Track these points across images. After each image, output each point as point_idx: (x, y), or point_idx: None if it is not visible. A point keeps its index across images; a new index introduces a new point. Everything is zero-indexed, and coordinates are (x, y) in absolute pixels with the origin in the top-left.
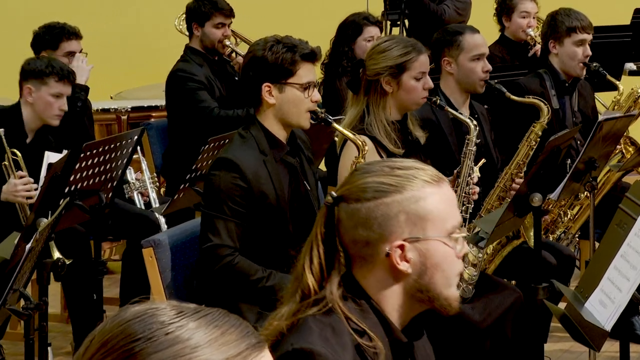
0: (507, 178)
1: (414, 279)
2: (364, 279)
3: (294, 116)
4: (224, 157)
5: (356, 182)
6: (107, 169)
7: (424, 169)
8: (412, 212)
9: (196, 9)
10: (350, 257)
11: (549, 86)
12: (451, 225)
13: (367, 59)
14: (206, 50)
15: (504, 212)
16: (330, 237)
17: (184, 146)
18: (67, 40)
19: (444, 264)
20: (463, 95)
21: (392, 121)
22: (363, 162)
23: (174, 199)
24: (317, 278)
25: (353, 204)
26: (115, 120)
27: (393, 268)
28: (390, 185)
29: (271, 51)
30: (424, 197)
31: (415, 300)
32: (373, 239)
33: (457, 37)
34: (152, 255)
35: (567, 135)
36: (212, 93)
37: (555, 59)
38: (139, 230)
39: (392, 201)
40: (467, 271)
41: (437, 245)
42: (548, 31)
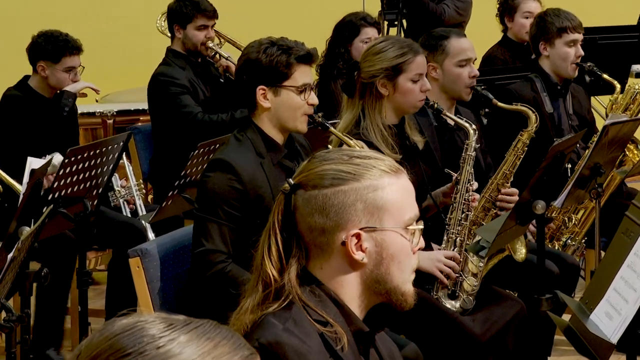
0: (493, 188)
1: (370, 269)
2: (320, 268)
3: (290, 120)
4: (220, 158)
5: (314, 169)
6: (92, 175)
7: (382, 159)
8: (369, 201)
9: (177, 10)
10: (306, 245)
11: (540, 90)
12: (408, 217)
13: (361, 61)
14: (188, 52)
15: (506, 220)
16: (287, 225)
17: (171, 152)
18: (70, 55)
19: (400, 256)
20: (448, 102)
21: (388, 125)
22: (322, 151)
23: (162, 207)
24: (277, 266)
25: (310, 190)
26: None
27: (349, 257)
28: (349, 173)
29: (265, 54)
30: (382, 187)
31: (372, 291)
32: (329, 227)
33: (442, 41)
34: (139, 265)
35: (571, 141)
36: (195, 97)
37: (545, 61)
38: (125, 239)
39: (349, 189)
40: (468, 281)
41: (394, 237)
42: (537, 33)
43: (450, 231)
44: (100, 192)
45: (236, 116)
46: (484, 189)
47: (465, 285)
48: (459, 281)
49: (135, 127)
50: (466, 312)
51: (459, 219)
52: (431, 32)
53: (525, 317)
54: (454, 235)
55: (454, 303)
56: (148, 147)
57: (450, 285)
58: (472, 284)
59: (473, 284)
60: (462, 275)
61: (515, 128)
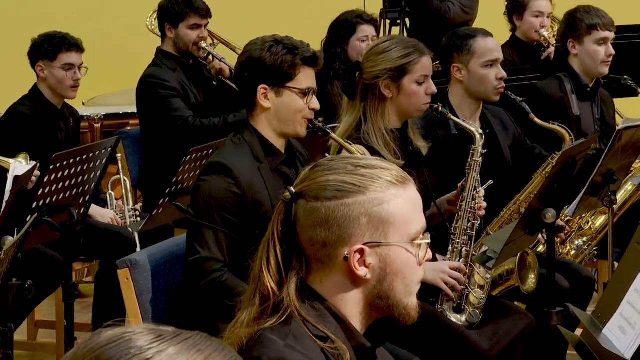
0: (515, 209)
1: (373, 285)
2: (320, 282)
3: (289, 123)
4: (217, 161)
5: (317, 179)
6: (79, 182)
7: (388, 169)
8: (374, 215)
9: (169, 8)
10: (307, 258)
11: (569, 91)
12: (415, 230)
13: (364, 61)
14: (180, 53)
15: (514, 229)
16: (287, 235)
17: (162, 157)
18: (67, 51)
19: (405, 271)
20: (474, 105)
21: (391, 129)
22: (325, 158)
23: (152, 215)
24: (275, 279)
25: (312, 202)
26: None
27: (351, 273)
28: (353, 185)
29: (270, 52)
30: (387, 200)
31: (374, 307)
32: (331, 241)
33: (467, 41)
34: (128, 277)
35: (583, 146)
36: (186, 100)
37: (575, 60)
38: (113, 249)
39: (353, 202)
40: (474, 294)
41: (399, 252)
42: (566, 30)
43: (455, 241)
44: (87, 200)
45: (229, 120)
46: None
47: (472, 298)
48: (465, 294)
49: (124, 131)
50: (472, 326)
51: (464, 228)
52: (456, 31)
53: (535, 331)
54: (459, 246)
55: (460, 317)
56: (137, 153)
57: (456, 298)
58: (478, 296)
59: (480, 296)
60: (468, 287)
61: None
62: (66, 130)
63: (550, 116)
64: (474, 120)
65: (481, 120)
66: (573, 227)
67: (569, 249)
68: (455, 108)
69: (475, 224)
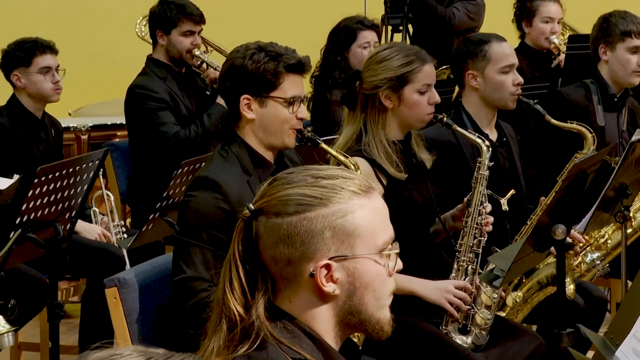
0: None
1: (342, 301)
2: (289, 301)
3: (276, 134)
4: (204, 176)
5: (276, 193)
6: (65, 197)
7: (351, 178)
8: (338, 228)
9: (161, 14)
10: (272, 277)
11: (595, 100)
12: (382, 240)
13: (364, 69)
14: (172, 61)
15: (522, 246)
16: (249, 255)
17: (152, 170)
18: (41, 54)
19: (375, 284)
20: (490, 114)
21: (393, 141)
22: (284, 171)
23: (141, 231)
24: (241, 302)
25: (273, 218)
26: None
27: (319, 289)
28: (314, 197)
29: (252, 60)
30: (351, 211)
31: (345, 324)
32: (295, 258)
33: (482, 46)
34: (116, 296)
35: (595, 158)
36: (176, 111)
37: (604, 67)
38: (101, 267)
39: (316, 216)
40: (480, 314)
41: (367, 264)
42: (599, 35)
43: (461, 259)
44: (73, 215)
45: (207, 124)
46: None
47: (478, 319)
48: (471, 314)
49: (112, 143)
50: (479, 348)
51: (470, 245)
52: (468, 37)
53: (545, 354)
54: (465, 263)
55: (465, 338)
56: (126, 166)
57: (461, 319)
58: (485, 317)
59: (486, 317)
60: (474, 307)
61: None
62: (47, 141)
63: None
64: (490, 129)
65: (497, 129)
66: (590, 240)
67: (581, 261)
68: (473, 116)
69: (482, 241)
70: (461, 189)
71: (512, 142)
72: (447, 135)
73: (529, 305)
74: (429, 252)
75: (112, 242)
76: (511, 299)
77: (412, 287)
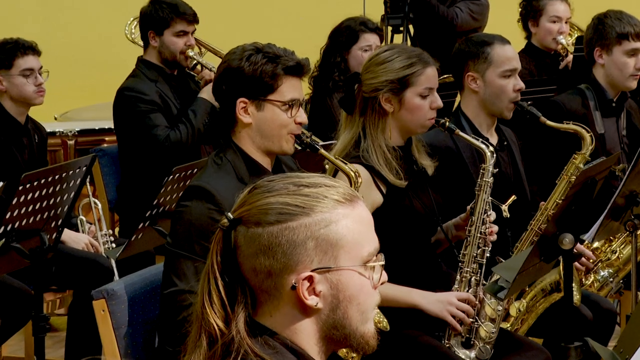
0: (543, 220)
1: (326, 315)
2: (270, 316)
3: (274, 139)
4: (197, 185)
5: (256, 202)
6: (51, 205)
7: (334, 186)
8: (321, 238)
9: (152, 14)
10: (252, 289)
11: (592, 107)
12: (367, 251)
13: (363, 71)
14: (165, 63)
15: (528, 256)
16: (228, 266)
17: (142, 177)
18: (23, 55)
19: (360, 297)
20: (489, 118)
21: (393, 147)
22: (264, 179)
23: (131, 241)
24: (221, 316)
25: (253, 228)
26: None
27: (301, 303)
28: (297, 206)
29: (249, 62)
30: (335, 220)
31: (329, 339)
32: (276, 269)
33: (484, 48)
34: (104, 309)
35: (604, 165)
36: (168, 114)
37: (600, 71)
38: (88, 278)
39: (298, 225)
40: (484, 327)
41: (351, 276)
42: (594, 37)
43: (464, 269)
44: (59, 224)
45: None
46: (532, 219)
47: (482, 332)
48: (475, 327)
49: (100, 148)
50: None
51: (474, 255)
52: (471, 37)
53: None
54: (468, 274)
55: (469, 352)
56: (115, 172)
57: (464, 332)
58: (489, 330)
59: (490, 330)
60: (477, 320)
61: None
62: (30, 147)
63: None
64: (490, 133)
65: (497, 133)
66: (600, 256)
67: (593, 279)
68: (473, 120)
69: (486, 251)
70: (461, 196)
71: (514, 147)
72: (445, 140)
73: (534, 314)
74: (430, 262)
75: (100, 252)
76: (515, 309)
77: (413, 299)
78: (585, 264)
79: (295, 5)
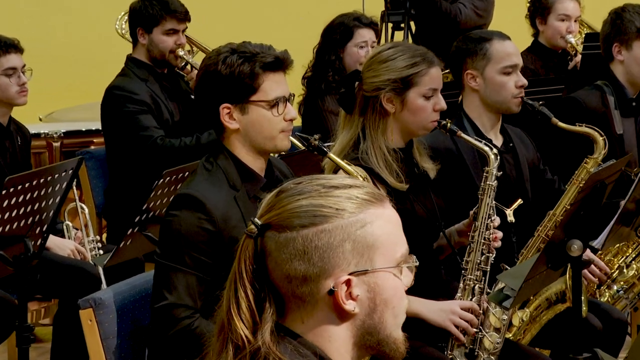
0: (551, 226)
1: (361, 319)
2: (302, 323)
3: (266, 140)
4: (186, 194)
5: (286, 205)
6: (35, 210)
7: (363, 187)
8: (358, 240)
9: (142, 10)
10: (282, 296)
11: (612, 105)
12: (400, 253)
13: (364, 69)
14: (154, 61)
15: (535, 263)
16: (257, 274)
17: (131, 181)
18: (5, 54)
19: (394, 300)
20: (492, 118)
21: (393, 149)
22: (290, 181)
23: (119, 248)
24: (249, 325)
25: (285, 232)
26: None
27: (338, 308)
28: (330, 208)
29: (225, 64)
30: (370, 221)
31: (362, 345)
32: (313, 274)
33: (482, 44)
34: (91, 319)
35: (614, 168)
36: (158, 115)
37: (619, 67)
38: (75, 286)
39: (334, 227)
40: (489, 338)
41: (387, 278)
42: (611, 32)
43: (467, 277)
44: (45, 230)
45: (202, 141)
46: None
47: (486, 343)
48: (479, 337)
49: (87, 151)
50: None
51: (477, 262)
52: (469, 34)
53: None
54: (471, 282)
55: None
56: (102, 176)
57: (468, 343)
58: (494, 340)
59: (495, 341)
60: (482, 330)
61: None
62: (12, 150)
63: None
64: (494, 134)
65: (502, 134)
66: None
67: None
68: (475, 120)
69: (490, 258)
70: (464, 200)
71: (521, 148)
72: (446, 142)
73: (537, 324)
74: (432, 270)
75: (87, 259)
76: (517, 318)
77: (414, 308)
78: (598, 275)
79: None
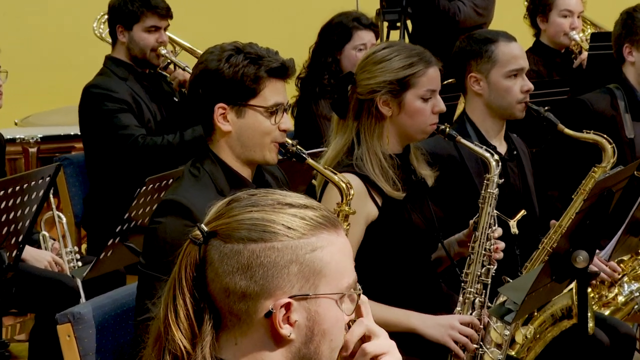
0: (557, 238)
1: (297, 347)
2: (234, 343)
3: (256, 148)
4: (172, 200)
5: (237, 215)
6: (10, 219)
7: (318, 209)
8: (306, 264)
9: (121, 7)
10: (218, 311)
11: (622, 108)
12: (347, 283)
13: (358, 71)
14: (134, 61)
15: (538, 276)
16: (197, 282)
17: (111, 188)
18: None
19: (333, 332)
20: (497, 123)
21: (390, 155)
22: (245, 192)
23: (99, 259)
24: (188, 336)
25: (232, 243)
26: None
27: (274, 332)
28: (283, 226)
29: (229, 63)
30: (321, 246)
31: None
32: (252, 292)
33: (487, 46)
34: (70, 334)
35: (622, 175)
36: (140, 115)
37: (630, 69)
38: (52, 300)
39: (283, 247)
40: (490, 354)
41: (329, 307)
42: (623, 33)
43: (467, 290)
44: (20, 241)
45: (186, 137)
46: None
47: (487, 359)
48: (479, 354)
49: (66, 157)
50: None
51: (478, 275)
52: (473, 34)
53: None
54: (472, 296)
55: None
56: (81, 183)
57: (468, 359)
58: (495, 357)
59: (496, 357)
60: (482, 346)
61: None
62: None
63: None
64: (498, 141)
65: (506, 141)
66: (626, 269)
67: (617, 292)
68: (479, 126)
69: (491, 270)
70: (464, 209)
71: (524, 156)
72: (448, 148)
73: (542, 342)
74: (430, 282)
75: (64, 271)
76: (521, 335)
77: (411, 323)
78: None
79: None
